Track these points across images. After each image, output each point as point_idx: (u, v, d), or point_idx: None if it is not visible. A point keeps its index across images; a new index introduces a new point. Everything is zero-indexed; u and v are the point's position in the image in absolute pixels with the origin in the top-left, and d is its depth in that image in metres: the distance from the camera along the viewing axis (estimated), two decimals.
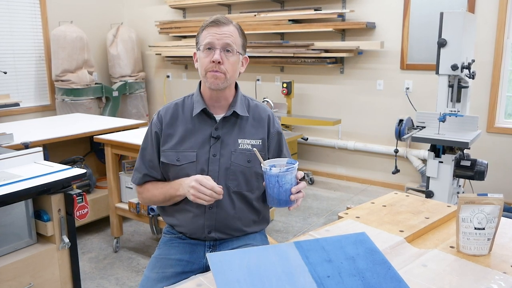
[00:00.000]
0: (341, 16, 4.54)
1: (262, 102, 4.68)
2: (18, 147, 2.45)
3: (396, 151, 3.48)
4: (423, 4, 4.17)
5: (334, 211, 3.96)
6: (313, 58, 4.62)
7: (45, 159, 2.19)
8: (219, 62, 1.45)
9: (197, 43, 1.53)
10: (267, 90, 5.25)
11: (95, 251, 3.16)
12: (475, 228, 1.22)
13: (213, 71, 1.46)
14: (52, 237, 1.95)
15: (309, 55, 4.60)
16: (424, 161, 4.27)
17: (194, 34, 5.45)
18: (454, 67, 2.83)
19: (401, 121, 3.26)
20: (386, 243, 1.28)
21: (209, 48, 1.46)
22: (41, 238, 1.98)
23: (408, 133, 3.21)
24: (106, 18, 6.05)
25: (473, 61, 2.98)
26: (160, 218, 2.87)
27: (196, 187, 1.41)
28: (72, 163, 3.20)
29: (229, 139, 1.54)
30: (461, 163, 3.04)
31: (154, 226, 2.88)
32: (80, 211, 1.96)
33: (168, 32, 5.75)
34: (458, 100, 3.06)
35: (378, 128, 4.60)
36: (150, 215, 2.87)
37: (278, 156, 1.61)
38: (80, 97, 5.21)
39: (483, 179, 3.03)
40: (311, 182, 4.78)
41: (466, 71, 2.90)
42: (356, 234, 1.18)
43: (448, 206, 1.59)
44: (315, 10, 4.63)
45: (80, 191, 1.98)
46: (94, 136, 3.08)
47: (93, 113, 5.15)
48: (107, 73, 6.04)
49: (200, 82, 1.59)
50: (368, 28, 4.44)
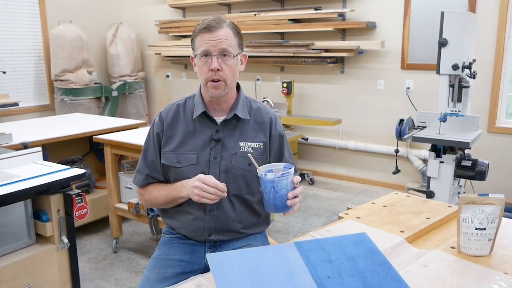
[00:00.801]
0: (342, 15, 4.53)
1: (262, 102, 4.68)
2: (17, 147, 2.44)
3: (397, 151, 3.47)
4: (423, 3, 4.17)
5: (334, 211, 3.95)
6: (313, 57, 4.61)
7: (44, 159, 2.18)
8: (218, 70, 1.43)
9: (192, 48, 1.51)
10: (267, 90, 5.24)
11: (95, 252, 3.15)
12: (476, 229, 1.21)
13: (213, 81, 1.45)
14: (51, 238, 1.95)
15: (309, 55, 4.59)
16: (424, 161, 4.26)
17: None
18: (455, 67, 2.83)
19: (401, 121, 3.26)
20: (387, 243, 1.28)
21: (205, 55, 1.44)
22: (40, 238, 1.97)
23: (408, 133, 3.21)
24: (105, 17, 6.03)
25: (474, 60, 2.97)
26: (159, 218, 2.86)
27: (199, 187, 1.40)
28: (71, 163, 3.19)
29: (230, 142, 1.53)
30: (462, 163, 3.04)
31: (153, 227, 2.88)
32: (79, 212, 1.95)
33: (168, 31, 5.75)
34: (459, 100, 3.06)
35: (378, 128, 4.59)
36: (150, 216, 2.86)
37: (279, 159, 1.60)
38: (79, 97, 5.19)
39: (484, 179, 3.02)
40: (311, 182, 4.77)
41: (467, 71, 2.90)
42: (356, 235, 1.18)
43: (449, 207, 1.59)
44: (315, 9, 4.63)
45: (79, 191, 1.97)
46: (94, 136, 3.07)
47: (93, 113, 5.14)
48: (107, 73, 6.03)
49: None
50: (369, 28, 4.43)
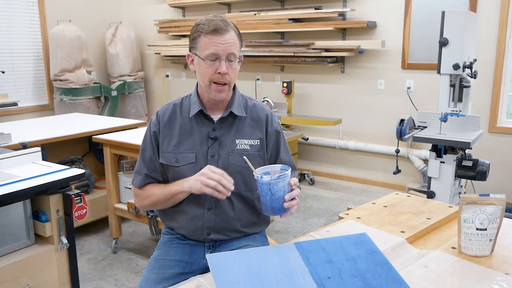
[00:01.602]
0: (342, 15, 4.53)
1: (262, 101, 4.67)
2: (16, 147, 2.44)
3: (397, 151, 3.47)
4: (424, 3, 4.16)
5: (334, 211, 3.95)
6: (313, 57, 4.60)
7: (43, 159, 2.18)
8: (226, 73, 1.45)
9: (192, 47, 1.49)
10: (267, 89, 5.23)
11: (94, 252, 3.14)
12: (477, 229, 1.21)
13: (219, 84, 1.46)
14: (50, 238, 1.94)
15: (310, 55, 4.58)
16: (425, 161, 4.25)
17: None
18: (456, 67, 2.82)
19: (402, 121, 3.26)
20: (387, 244, 1.28)
21: (212, 58, 1.44)
22: (39, 239, 1.96)
23: (409, 133, 3.21)
24: (105, 17, 6.02)
25: (475, 60, 2.97)
26: (159, 218, 2.84)
27: (206, 173, 1.39)
28: (70, 163, 3.18)
29: (227, 139, 1.53)
30: (462, 163, 3.04)
31: (153, 227, 2.88)
32: (79, 212, 1.95)
33: (168, 31, 5.74)
34: (460, 100, 3.06)
35: (379, 128, 4.58)
36: (149, 216, 2.86)
37: (276, 156, 1.60)
38: (78, 96, 5.18)
39: (485, 180, 3.02)
40: (312, 182, 4.76)
41: (467, 71, 2.90)
42: (357, 235, 1.18)
43: (450, 207, 1.59)
44: (316, 9, 4.62)
45: (79, 191, 1.96)
46: (93, 136, 3.07)
47: (92, 113, 5.12)
48: (106, 73, 6.02)
49: (198, 82, 1.58)
50: (369, 27, 4.42)
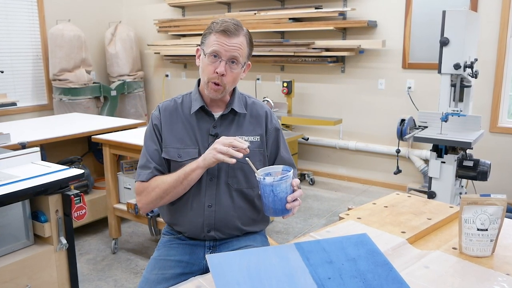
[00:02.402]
0: (342, 14, 4.52)
1: (262, 101, 4.66)
2: (15, 147, 2.43)
3: (398, 151, 3.47)
4: (425, 2, 4.15)
5: (335, 212, 3.94)
6: (313, 57, 4.59)
7: (42, 159, 2.17)
8: (222, 75, 1.45)
9: (202, 42, 1.51)
10: (267, 89, 5.22)
11: (93, 253, 3.13)
12: (478, 229, 1.21)
13: (214, 84, 1.47)
14: (49, 238, 1.93)
15: (310, 54, 4.57)
16: (426, 161, 4.24)
17: (193, 32, 5.45)
18: (457, 66, 2.82)
19: (403, 120, 3.26)
20: (388, 244, 1.27)
21: (214, 56, 1.45)
22: (38, 239, 1.95)
23: (410, 133, 3.21)
24: (104, 16, 6.01)
25: (476, 60, 2.96)
26: (158, 219, 2.86)
27: (218, 142, 1.40)
28: (69, 163, 3.17)
29: (227, 136, 1.52)
30: (463, 163, 3.03)
31: (152, 227, 2.87)
32: (78, 212, 1.94)
33: (167, 30, 5.72)
34: (461, 100, 3.05)
35: (379, 128, 4.57)
36: (149, 216, 2.85)
37: (275, 153, 1.62)
38: (78, 96, 5.17)
39: (486, 180, 3.02)
40: (312, 182, 4.75)
41: (468, 70, 2.89)
42: (357, 235, 1.18)
43: (451, 207, 1.58)
44: (316, 8, 4.61)
45: (78, 191, 1.95)
46: (92, 136, 3.06)
47: (91, 113, 5.11)
48: (105, 72, 6.00)
49: (199, 80, 1.59)
50: (370, 27, 4.41)
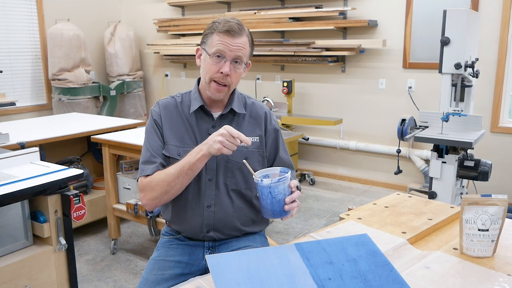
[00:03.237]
0: (343, 14, 4.51)
1: (262, 101, 4.65)
2: (14, 147, 2.43)
3: (399, 151, 3.47)
4: (425, 1, 4.14)
5: (335, 212, 3.93)
6: (314, 56, 4.58)
7: (41, 160, 2.17)
8: (227, 75, 1.44)
9: (204, 42, 1.50)
10: (267, 89, 5.21)
11: (92, 253, 3.12)
12: (479, 230, 1.21)
13: (218, 84, 1.46)
14: (48, 239, 1.93)
15: (310, 54, 4.56)
16: (427, 161, 4.23)
17: (193, 32, 5.44)
18: (458, 66, 2.81)
19: (403, 120, 3.26)
20: (388, 244, 1.27)
21: (218, 56, 1.44)
22: (37, 239, 1.94)
23: (410, 133, 3.20)
24: (103, 16, 6.00)
25: (477, 59, 2.95)
26: (158, 219, 2.85)
27: (224, 134, 1.34)
28: (69, 163, 3.16)
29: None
30: (464, 164, 3.03)
31: (152, 228, 2.86)
32: (77, 212, 1.93)
33: (167, 30, 5.71)
34: (462, 99, 3.04)
35: (380, 128, 4.56)
36: (148, 216, 2.84)
37: (275, 154, 1.62)
38: (77, 96, 5.16)
39: (487, 180, 3.01)
40: (312, 182, 4.74)
41: (469, 70, 2.88)
42: (357, 236, 1.18)
43: (451, 207, 1.58)
44: (316, 7, 4.60)
45: (77, 192, 1.95)
46: (92, 136, 3.06)
47: (91, 113, 5.11)
48: (105, 72, 5.99)
49: (199, 79, 1.58)
50: (370, 26, 4.40)
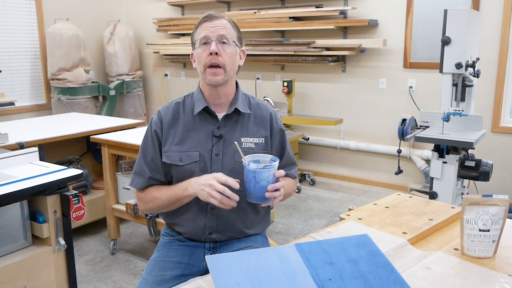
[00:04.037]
0: (343, 13, 4.50)
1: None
2: (13, 147, 2.42)
3: (399, 151, 3.46)
4: (426, 1, 4.14)
5: (335, 212, 3.92)
6: (314, 56, 4.57)
7: (40, 160, 2.16)
8: (217, 53, 1.43)
9: (193, 43, 1.51)
10: (268, 89, 5.20)
11: (92, 254, 3.11)
12: (480, 230, 1.20)
13: (212, 67, 1.45)
14: (47, 239, 1.92)
15: (310, 53, 4.55)
16: (427, 161, 4.22)
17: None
18: (458, 66, 2.81)
19: (404, 120, 3.25)
20: (389, 245, 1.27)
21: (205, 43, 1.45)
22: (36, 240, 1.94)
23: (411, 133, 3.20)
24: (103, 15, 5.99)
25: (478, 59, 2.95)
26: (158, 219, 2.84)
27: (213, 185, 1.35)
28: (68, 163, 3.15)
29: (232, 137, 1.51)
30: (465, 164, 3.03)
31: (152, 228, 2.85)
32: (77, 213, 1.93)
33: (166, 29, 5.70)
34: (463, 99, 3.04)
35: (380, 128, 4.55)
36: (148, 217, 2.84)
37: (281, 155, 1.60)
38: (76, 96, 5.15)
39: (488, 180, 3.01)
40: (312, 183, 4.73)
41: (470, 70, 2.88)
42: (358, 236, 1.17)
43: (452, 208, 1.57)
44: (316, 7, 4.59)
45: (77, 192, 1.94)
46: (91, 136, 3.05)
47: (90, 113, 5.10)
48: (104, 72, 5.98)
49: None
50: (371, 26, 4.39)
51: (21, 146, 2.26)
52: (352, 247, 1.11)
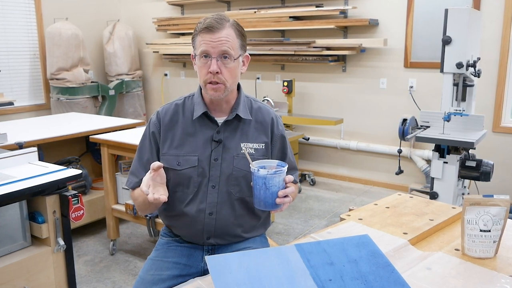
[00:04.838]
0: (343, 12, 4.49)
1: (262, 101, 4.62)
2: (12, 147, 2.42)
3: (400, 151, 3.46)
4: (427, 0, 4.13)
5: (336, 212, 3.91)
6: (314, 56, 4.56)
7: (39, 160, 2.16)
8: (217, 72, 1.39)
9: (193, 46, 1.47)
10: (268, 88, 5.19)
11: (91, 254, 3.10)
12: (481, 230, 1.20)
13: (212, 84, 1.41)
14: (47, 240, 1.92)
15: (311, 53, 4.55)
16: (428, 161, 4.22)
17: (192, 31, 5.41)
18: (459, 65, 2.81)
19: (404, 120, 3.25)
20: (390, 245, 1.27)
21: (205, 56, 1.40)
22: (35, 240, 1.93)
23: (412, 133, 3.19)
24: (102, 15, 5.98)
25: (479, 59, 2.95)
26: (157, 220, 2.84)
27: (143, 181, 1.37)
28: (67, 163, 3.14)
29: (231, 143, 1.49)
30: (466, 164, 3.02)
31: (151, 228, 2.85)
32: (76, 213, 1.92)
33: (166, 29, 5.69)
34: (463, 99, 3.05)
35: (381, 128, 4.55)
36: (147, 217, 2.83)
37: (282, 158, 1.58)
38: (75, 96, 5.14)
39: (489, 180, 3.00)
40: (313, 183, 4.72)
41: (471, 69, 2.88)
42: (358, 237, 1.17)
43: (453, 208, 1.57)
44: (317, 6, 4.58)
45: (76, 192, 1.94)
46: (90, 136, 3.05)
47: (89, 112, 5.08)
48: (103, 71, 5.97)
49: None
50: (371, 25, 4.39)
51: (20, 146, 2.26)
52: (353, 248, 1.11)
